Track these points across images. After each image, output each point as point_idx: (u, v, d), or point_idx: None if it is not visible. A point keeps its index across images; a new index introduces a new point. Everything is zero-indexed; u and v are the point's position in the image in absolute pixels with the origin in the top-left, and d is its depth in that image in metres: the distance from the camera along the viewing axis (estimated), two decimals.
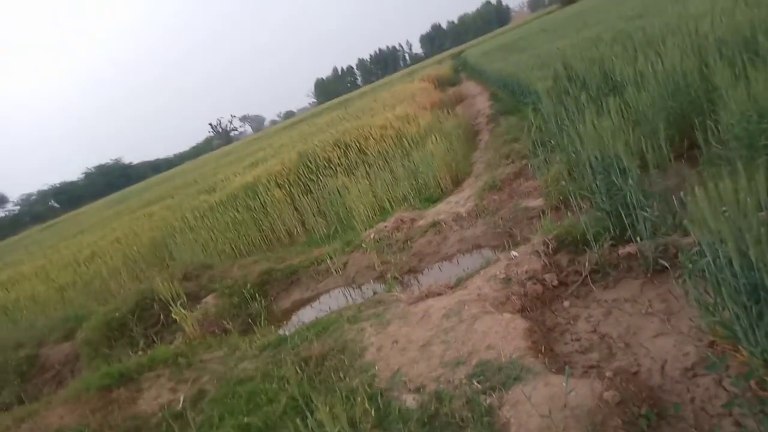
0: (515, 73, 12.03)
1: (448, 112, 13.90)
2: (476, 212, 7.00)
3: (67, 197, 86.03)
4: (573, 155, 5.59)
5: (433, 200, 8.60)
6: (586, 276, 4.19)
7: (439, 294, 4.99)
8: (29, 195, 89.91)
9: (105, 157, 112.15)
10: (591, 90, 6.71)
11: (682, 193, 3.26)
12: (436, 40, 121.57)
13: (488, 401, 3.31)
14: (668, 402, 2.76)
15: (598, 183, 4.32)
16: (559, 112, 6.52)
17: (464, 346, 3.99)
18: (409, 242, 7.24)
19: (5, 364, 8.43)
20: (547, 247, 4.64)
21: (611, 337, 3.53)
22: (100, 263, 12.03)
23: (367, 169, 10.72)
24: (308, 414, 3.55)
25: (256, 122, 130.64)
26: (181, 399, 5.09)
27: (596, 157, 4.21)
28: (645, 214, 3.85)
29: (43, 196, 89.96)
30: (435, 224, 7.21)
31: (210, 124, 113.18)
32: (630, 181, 3.87)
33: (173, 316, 7.09)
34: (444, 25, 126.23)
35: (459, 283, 5.10)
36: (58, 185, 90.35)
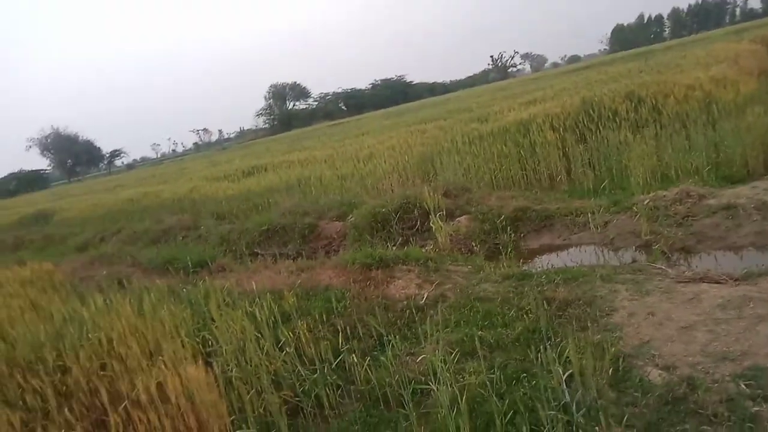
0: None
1: None
2: None
3: (354, 102, 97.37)
4: None
5: (733, 180, 7.37)
6: None
7: (718, 282, 4.43)
8: (325, 95, 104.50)
9: (390, 73, 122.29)
10: None
11: None
12: None
13: (755, 409, 2.92)
14: None
15: None
16: None
17: (737, 344, 3.53)
18: (689, 219, 6.44)
19: (293, 225, 10.37)
20: None
21: None
22: (376, 164, 13.57)
23: (658, 129, 9.61)
24: (545, 347, 3.59)
25: (537, 62, 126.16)
26: (425, 296, 5.62)
27: None
28: None
29: (336, 97, 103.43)
30: (729, 207, 6.24)
31: (491, 57, 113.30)
32: None
33: (431, 224, 7.72)
34: None
35: (747, 278, 4.42)
36: (348, 91, 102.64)
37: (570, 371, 3.34)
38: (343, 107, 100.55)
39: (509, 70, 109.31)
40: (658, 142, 9.00)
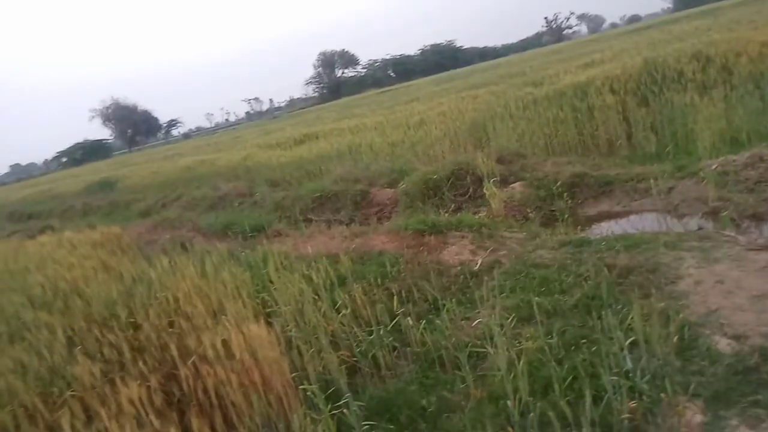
0: None
1: None
2: None
3: (403, 69, 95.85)
4: None
5: None
6: None
7: None
8: (374, 61, 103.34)
9: (440, 38, 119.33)
10: None
11: None
12: None
13: None
14: None
15: None
16: None
17: None
18: (762, 184, 6.09)
19: (345, 192, 10.46)
20: None
21: None
22: (427, 130, 13.43)
23: (728, 91, 9.03)
24: (606, 313, 3.50)
25: (594, 23, 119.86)
26: (479, 262, 5.59)
27: None
28: None
29: (385, 64, 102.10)
30: None
31: (545, 18, 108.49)
32: None
33: (484, 191, 7.61)
34: None
35: None
36: (398, 57, 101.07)
37: (632, 338, 3.27)
38: (391, 74, 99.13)
39: (564, 32, 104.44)
40: (728, 104, 8.48)
